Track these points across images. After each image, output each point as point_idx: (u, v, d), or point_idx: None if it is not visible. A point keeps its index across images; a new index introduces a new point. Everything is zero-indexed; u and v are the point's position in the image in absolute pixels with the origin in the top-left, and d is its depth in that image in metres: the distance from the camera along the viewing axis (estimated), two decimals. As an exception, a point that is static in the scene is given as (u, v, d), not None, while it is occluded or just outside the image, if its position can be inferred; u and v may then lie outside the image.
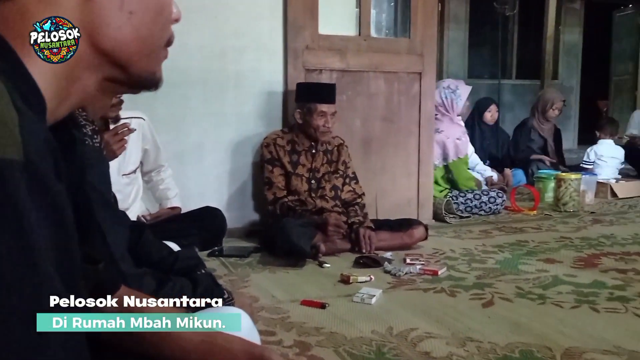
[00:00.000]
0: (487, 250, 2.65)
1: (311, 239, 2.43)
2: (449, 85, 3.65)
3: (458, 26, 7.96)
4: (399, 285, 2.12)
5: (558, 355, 1.49)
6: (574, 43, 8.56)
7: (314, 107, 2.64)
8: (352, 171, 2.82)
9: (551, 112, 4.92)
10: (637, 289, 2.05)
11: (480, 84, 7.52)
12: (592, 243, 2.80)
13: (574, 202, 3.66)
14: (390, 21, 3.78)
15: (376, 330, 1.66)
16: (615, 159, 4.61)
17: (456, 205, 3.47)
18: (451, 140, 3.53)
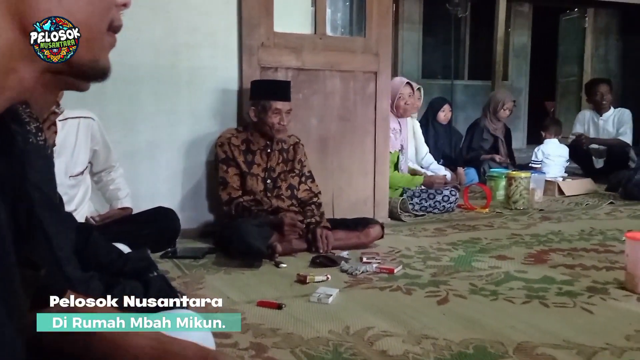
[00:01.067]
0: (442, 248, 2.69)
1: (267, 239, 2.40)
2: None
3: (412, 27, 8.07)
4: (356, 284, 2.12)
5: (510, 350, 1.52)
6: (523, 45, 8.82)
7: (268, 105, 2.61)
8: (308, 170, 2.80)
9: (502, 112, 5.05)
10: (585, 284, 2.12)
11: (433, 84, 7.66)
12: (541, 239, 2.88)
13: (524, 200, 3.76)
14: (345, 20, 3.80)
15: (333, 330, 1.65)
16: (561, 158, 4.77)
17: (412, 205, 3.52)
18: None
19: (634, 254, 2.02)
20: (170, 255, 2.48)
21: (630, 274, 2.03)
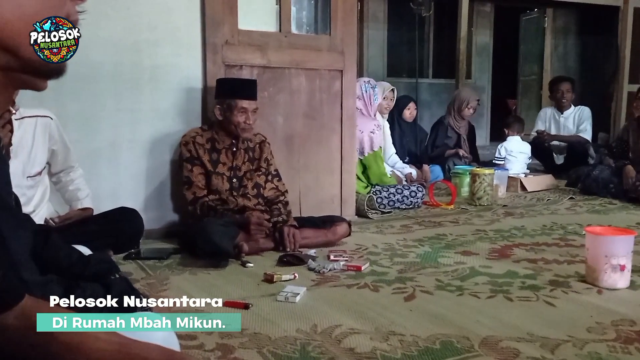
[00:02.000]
0: (408, 244, 2.71)
1: (233, 238, 2.37)
2: (369, 81, 3.76)
3: (377, 25, 8.11)
4: (323, 282, 2.11)
5: (476, 345, 1.54)
6: (485, 44, 8.96)
7: (234, 103, 2.58)
8: (274, 168, 2.78)
9: (466, 110, 5.13)
10: (547, 277, 2.17)
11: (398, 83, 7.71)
12: (504, 235, 2.93)
13: (487, 196, 3.83)
14: (310, 18, 3.79)
15: (301, 329, 1.64)
16: (523, 154, 4.86)
17: (379, 199, 3.54)
18: (366, 134, 3.59)
19: (593, 248, 2.07)
20: (134, 256, 2.43)
21: (590, 267, 2.08)
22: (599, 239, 2.07)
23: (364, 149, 3.61)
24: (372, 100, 3.69)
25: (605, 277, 2.02)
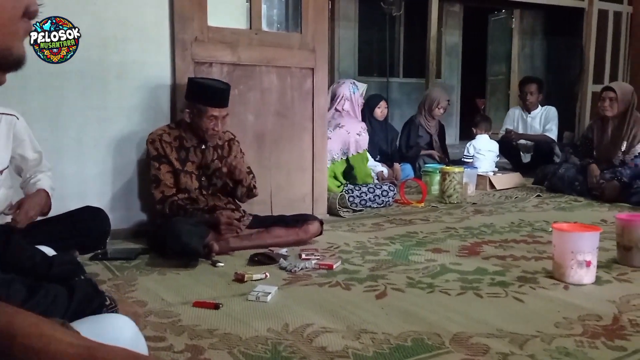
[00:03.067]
0: (380, 242, 2.72)
1: (203, 237, 2.34)
2: (354, 82, 3.77)
3: (348, 24, 8.13)
4: (295, 281, 2.10)
5: (447, 341, 1.55)
6: (454, 44, 9.07)
7: (204, 110, 2.53)
8: (247, 165, 2.75)
9: (437, 110, 5.19)
10: (515, 274, 2.20)
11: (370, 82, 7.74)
12: (474, 232, 2.97)
13: (457, 194, 3.87)
14: (281, 16, 3.77)
15: (272, 328, 1.63)
16: (491, 153, 4.94)
17: (352, 198, 3.54)
18: (352, 135, 3.60)
19: (560, 244, 2.11)
20: (101, 257, 2.38)
21: (557, 263, 2.11)
22: (565, 236, 2.11)
23: (349, 149, 3.60)
24: (360, 102, 3.71)
25: (571, 273, 2.06)
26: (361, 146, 3.61)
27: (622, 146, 3.98)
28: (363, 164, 3.65)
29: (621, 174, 3.87)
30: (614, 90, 4.03)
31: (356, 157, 3.60)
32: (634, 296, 1.92)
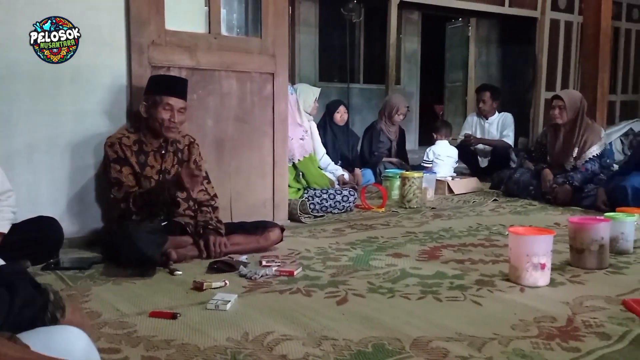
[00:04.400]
0: (341, 248, 2.71)
1: (160, 245, 2.29)
2: (290, 86, 3.75)
3: (309, 30, 8.15)
4: (255, 288, 2.07)
5: (407, 346, 1.56)
6: (413, 51, 9.21)
7: (159, 99, 2.49)
8: (204, 171, 2.71)
9: (396, 117, 5.25)
10: (473, 277, 2.23)
11: (330, 88, 7.78)
12: (433, 236, 3.00)
13: (417, 199, 3.91)
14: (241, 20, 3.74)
15: (231, 337, 1.60)
16: (450, 158, 5.02)
17: (312, 205, 3.54)
18: (295, 140, 3.59)
19: (516, 248, 2.15)
20: (53, 266, 2.30)
21: (513, 266, 2.16)
22: (521, 239, 2.15)
23: (294, 155, 3.60)
24: (299, 105, 3.70)
25: (527, 276, 2.10)
26: (307, 150, 3.61)
27: (573, 152, 4.11)
28: (312, 167, 3.63)
29: (573, 179, 3.99)
30: (562, 99, 4.16)
31: (303, 163, 3.59)
32: (587, 297, 1.98)
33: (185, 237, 2.48)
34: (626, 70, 10.08)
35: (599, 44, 6.08)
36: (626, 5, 9.86)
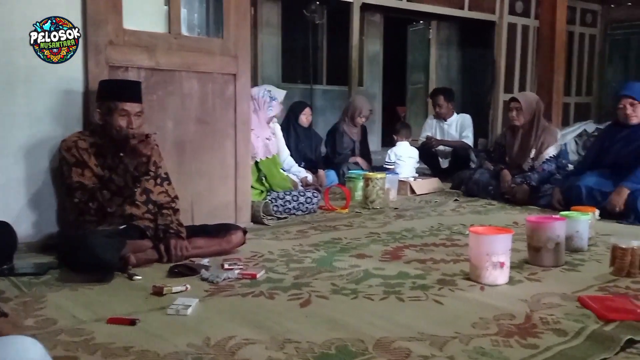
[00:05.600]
0: (304, 249, 2.71)
1: (119, 249, 2.23)
2: (270, 90, 3.76)
3: (271, 31, 8.11)
4: (217, 292, 2.04)
5: (370, 347, 1.56)
6: (376, 53, 9.28)
7: (114, 106, 2.43)
8: (164, 172, 2.66)
9: (359, 119, 5.30)
10: (435, 277, 2.25)
11: (293, 89, 7.76)
12: (396, 237, 3.03)
13: (380, 200, 3.94)
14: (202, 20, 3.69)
15: (192, 343, 1.57)
16: (411, 159, 5.08)
17: (275, 207, 3.52)
18: (261, 140, 3.57)
19: (476, 247, 2.19)
20: (6, 272, 2.21)
21: (473, 265, 2.19)
22: (481, 239, 2.19)
23: (257, 154, 3.58)
24: (267, 107, 3.68)
25: (487, 274, 2.14)
26: (270, 151, 3.60)
27: (531, 153, 4.21)
28: (276, 169, 3.62)
29: (530, 179, 4.09)
30: (519, 101, 4.27)
31: (267, 163, 3.57)
32: (544, 295, 2.03)
33: (144, 241, 2.43)
34: (580, 73, 10.42)
35: (554, 47, 6.26)
36: (580, 10, 10.19)
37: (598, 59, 10.67)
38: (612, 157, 3.69)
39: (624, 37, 10.49)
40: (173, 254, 2.41)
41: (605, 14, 10.58)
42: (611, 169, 3.64)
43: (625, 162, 3.56)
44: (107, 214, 2.44)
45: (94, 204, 2.39)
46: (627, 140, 3.62)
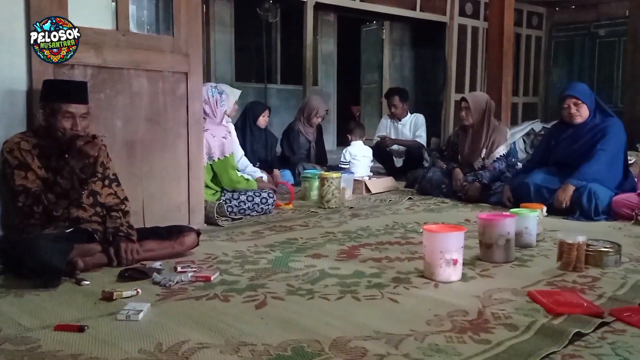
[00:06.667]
0: (259, 250, 2.68)
1: (66, 254, 2.14)
2: (216, 86, 3.69)
3: (224, 29, 8.02)
4: (170, 296, 1.99)
5: (326, 347, 1.55)
6: (330, 52, 9.31)
7: (57, 107, 2.33)
8: (112, 173, 2.57)
9: (315, 119, 5.30)
10: (390, 275, 2.27)
11: (248, 88, 7.70)
12: (352, 236, 3.04)
13: (335, 199, 3.95)
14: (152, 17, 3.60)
15: (144, 349, 1.53)
16: (366, 158, 5.12)
17: (230, 208, 3.47)
18: (217, 139, 3.51)
19: (430, 245, 2.21)
20: (-56, 281, 2.10)
21: (427, 263, 2.22)
22: (434, 236, 2.22)
23: (213, 154, 3.52)
24: (219, 105, 3.62)
25: (440, 272, 2.17)
26: (227, 150, 3.56)
27: (482, 152, 4.31)
28: (228, 170, 3.57)
29: (482, 177, 4.19)
30: (468, 101, 4.37)
31: (219, 164, 3.52)
32: (496, 290, 2.07)
33: (93, 245, 2.35)
34: (527, 73, 10.76)
35: (502, 48, 6.43)
36: (526, 12, 10.51)
37: (544, 60, 11.06)
38: (558, 155, 3.82)
39: (568, 39, 10.91)
40: (123, 258, 2.34)
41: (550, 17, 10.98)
42: (558, 167, 3.77)
43: (571, 160, 3.69)
44: (53, 218, 2.35)
45: (38, 207, 2.30)
46: (572, 139, 3.75)
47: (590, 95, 3.75)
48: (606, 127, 3.66)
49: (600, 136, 3.64)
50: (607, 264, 2.38)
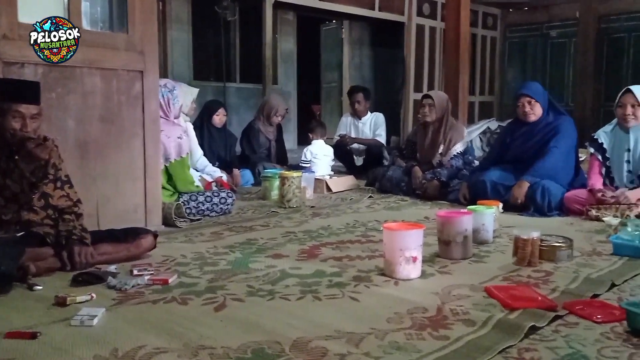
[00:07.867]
0: (219, 252, 2.64)
1: (17, 258, 2.06)
2: (165, 84, 3.60)
3: (181, 27, 7.89)
4: (126, 300, 1.94)
5: (287, 348, 1.54)
6: (290, 51, 9.29)
7: (7, 107, 2.24)
8: (64, 174, 2.48)
9: (275, 118, 5.28)
10: (351, 274, 2.27)
11: (206, 86, 7.60)
12: (313, 235, 3.03)
13: (296, 199, 3.93)
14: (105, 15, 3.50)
15: (99, 355, 1.49)
16: (327, 157, 5.13)
17: (188, 209, 3.41)
18: (172, 140, 3.45)
19: (389, 243, 2.23)
20: None
21: (388, 261, 2.23)
22: (394, 234, 2.23)
23: (170, 155, 3.46)
24: (172, 104, 3.56)
25: (400, 269, 2.18)
26: (183, 150, 3.50)
27: (439, 149, 4.38)
28: (183, 171, 3.52)
29: (440, 174, 4.25)
30: (432, 98, 4.43)
31: (175, 165, 3.46)
32: (454, 287, 2.10)
33: (45, 249, 2.27)
34: (483, 73, 11.00)
35: (459, 48, 6.55)
36: (482, 13, 10.74)
37: (499, 60, 11.32)
38: (513, 152, 3.91)
39: (521, 39, 11.20)
40: (77, 262, 2.27)
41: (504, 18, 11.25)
42: (513, 164, 3.85)
43: (526, 157, 3.78)
44: (3, 222, 2.26)
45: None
46: (526, 137, 3.85)
47: (543, 94, 3.86)
48: (559, 125, 3.77)
49: (553, 134, 3.74)
50: (560, 259, 2.44)
